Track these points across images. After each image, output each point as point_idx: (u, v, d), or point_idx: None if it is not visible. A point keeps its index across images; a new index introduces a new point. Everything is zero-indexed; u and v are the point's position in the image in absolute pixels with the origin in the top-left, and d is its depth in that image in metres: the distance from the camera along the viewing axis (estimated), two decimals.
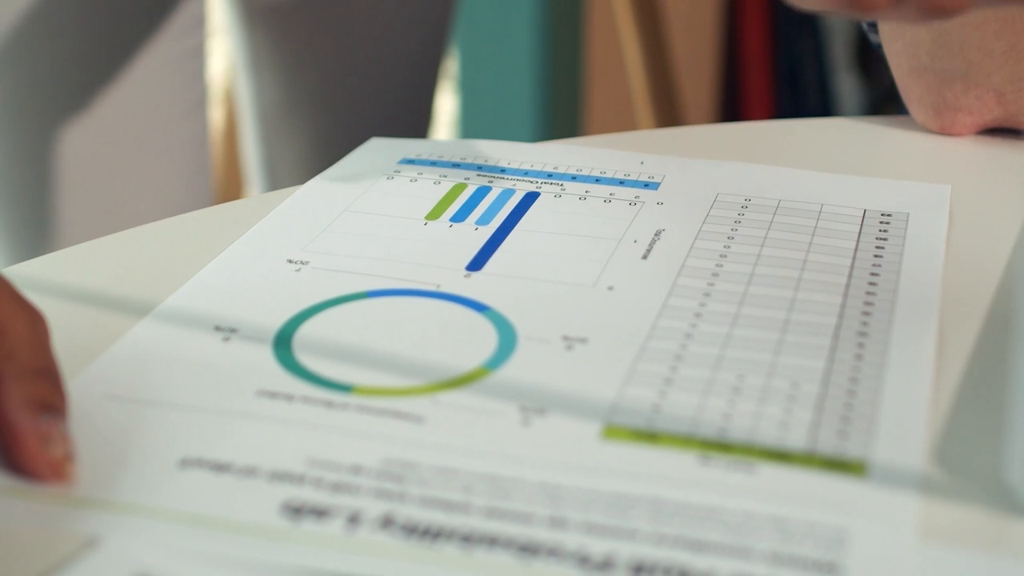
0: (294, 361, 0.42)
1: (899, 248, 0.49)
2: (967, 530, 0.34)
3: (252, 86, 0.97)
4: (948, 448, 0.37)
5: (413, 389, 0.40)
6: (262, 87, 0.96)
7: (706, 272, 0.47)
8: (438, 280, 0.47)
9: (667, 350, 0.42)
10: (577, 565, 0.33)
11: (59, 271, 0.47)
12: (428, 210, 0.52)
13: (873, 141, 0.61)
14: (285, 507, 0.35)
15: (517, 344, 0.43)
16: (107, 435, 0.38)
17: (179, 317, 0.44)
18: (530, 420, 0.39)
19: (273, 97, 0.96)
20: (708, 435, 0.38)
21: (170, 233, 0.51)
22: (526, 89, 1.69)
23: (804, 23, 1.77)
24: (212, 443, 0.37)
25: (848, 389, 0.40)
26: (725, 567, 0.33)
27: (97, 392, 0.40)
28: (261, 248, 0.49)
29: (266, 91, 0.96)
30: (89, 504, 0.35)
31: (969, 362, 0.42)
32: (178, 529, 0.34)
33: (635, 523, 0.34)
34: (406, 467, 0.36)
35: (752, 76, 1.81)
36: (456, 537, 0.34)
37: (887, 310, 0.45)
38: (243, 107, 0.99)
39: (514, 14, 1.67)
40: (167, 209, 0.84)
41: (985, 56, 0.57)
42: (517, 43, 1.70)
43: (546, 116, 1.72)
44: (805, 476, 0.36)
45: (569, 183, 0.55)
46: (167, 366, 0.41)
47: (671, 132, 0.63)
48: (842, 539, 0.34)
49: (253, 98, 0.97)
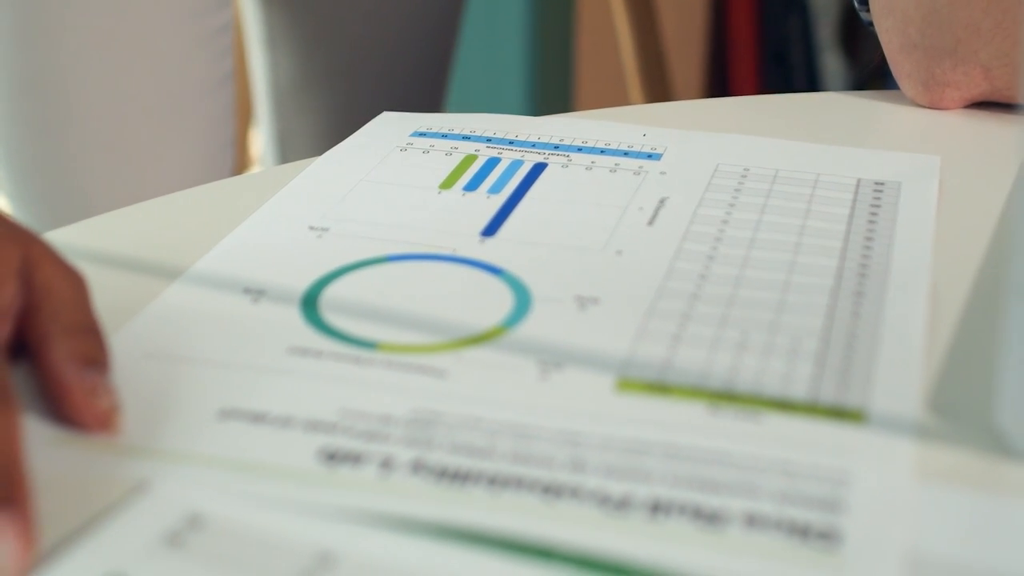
0: (321, 320, 0.44)
1: (892, 214, 0.52)
2: (961, 470, 0.37)
3: (267, 62, 0.98)
4: (943, 396, 0.40)
5: (436, 346, 0.42)
6: (276, 63, 0.98)
7: (709, 237, 0.50)
8: (454, 245, 0.49)
9: (675, 309, 0.45)
10: (598, 505, 0.35)
11: (92, 238, 0.49)
12: (441, 180, 0.55)
13: (865, 115, 0.63)
14: (321, 453, 0.37)
15: (532, 304, 0.45)
16: (148, 390, 0.40)
17: (208, 280, 0.46)
18: (548, 374, 0.41)
19: (287, 73, 0.98)
20: (716, 387, 0.40)
21: (196, 201, 0.53)
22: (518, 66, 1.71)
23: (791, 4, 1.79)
24: (248, 396, 0.40)
25: (846, 344, 0.42)
26: (735, 505, 0.35)
27: (135, 350, 0.42)
28: (284, 215, 0.51)
29: (280, 67, 0.98)
30: (136, 452, 0.37)
31: (960, 318, 0.44)
32: (221, 474, 0.36)
33: (650, 466, 0.36)
34: (433, 416, 0.39)
35: (740, 55, 1.83)
36: (483, 480, 0.36)
37: (882, 272, 0.47)
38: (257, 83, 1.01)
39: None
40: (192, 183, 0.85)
41: (973, 33, 0.60)
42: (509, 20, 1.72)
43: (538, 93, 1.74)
44: (807, 424, 0.38)
45: (575, 154, 0.57)
46: (200, 326, 0.44)
47: (670, 106, 0.65)
48: (844, 479, 0.36)
49: (267, 74, 0.99)
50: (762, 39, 1.82)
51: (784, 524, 0.34)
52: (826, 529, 0.34)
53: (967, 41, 0.60)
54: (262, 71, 0.99)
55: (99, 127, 0.82)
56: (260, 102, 1.02)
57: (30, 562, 0.32)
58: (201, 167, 0.86)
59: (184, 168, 0.85)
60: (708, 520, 0.34)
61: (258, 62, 0.99)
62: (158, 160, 0.84)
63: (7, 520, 0.32)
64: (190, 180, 0.85)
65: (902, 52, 0.62)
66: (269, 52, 0.98)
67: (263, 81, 1.00)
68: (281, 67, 0.98)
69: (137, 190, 0.82)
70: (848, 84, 1.81)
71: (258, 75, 1.00)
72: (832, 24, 1.79)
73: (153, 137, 0.84)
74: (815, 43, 1.79)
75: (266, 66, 0.99)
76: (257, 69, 1.00)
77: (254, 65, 1.00)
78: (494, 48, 1.72)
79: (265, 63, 0.98)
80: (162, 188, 0.83)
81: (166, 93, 0.83)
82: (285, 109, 1.00)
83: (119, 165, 0.83)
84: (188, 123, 0.85)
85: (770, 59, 1.82)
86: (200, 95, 0.85)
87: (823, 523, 0.34)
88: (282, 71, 0.98)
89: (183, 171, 0.85)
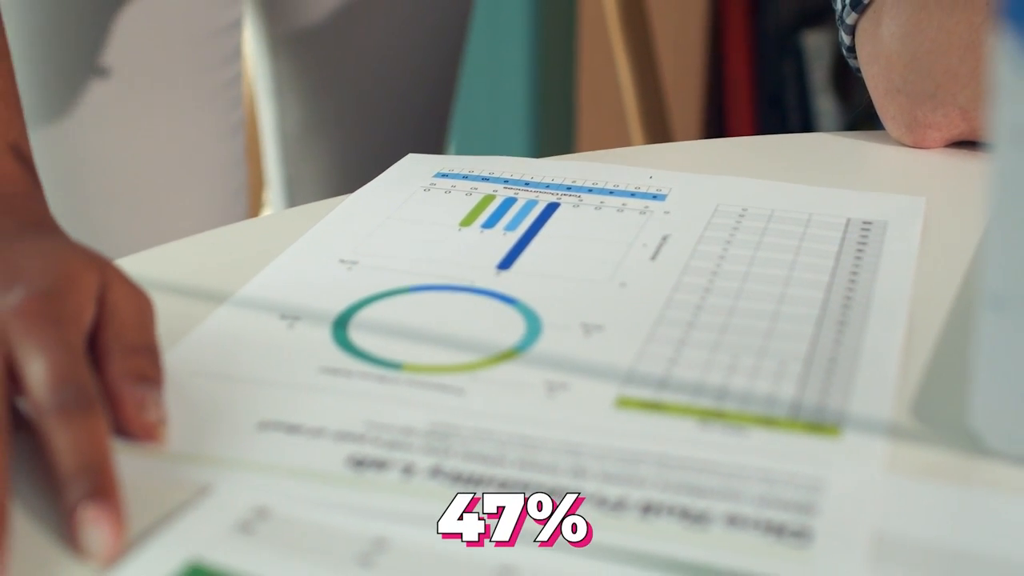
0: (350, 343, 0.48)
1: (877, 251, 0.56)
2: (937, 468, 0.41)
3: (275, 111, 1.03)
4: (924, 405, 0.44)
5: (454, 367, 0.47)
6: (284, 112, 1.03)
7: (707, 271, 0.54)
8: (472, 277, 0.54)
9: (672, 336, 0.49)
10: (596, 506, 0.39)
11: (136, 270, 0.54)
12: (462, 218, 0.59)
13: (855, 154, 0.68)
14: (350, 460, 0.41)
15: (542, 331, 0.49)
16: (195, 404, 0.45)
17: (248, 307, 0.51)
18: (555, 392, 0.45)
19: (295, 121, 1.02)
20: (706, 405, 0.44)
21: (229, 238, 0.58)
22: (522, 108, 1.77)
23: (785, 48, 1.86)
24: (284, 409, 0.44)
25: (827, 368, 0.47)
26: (719, 507, 0.39)
27: (183, 369, 0.46)
28: (316, 250, 0.56)
29: (288, 115, 1.03)
30: (187, 459, 0.42)
31: (940, 337, 0.49)
32: (263, 478, 0.41)
33: (644, 473, 0.41)
34: (450, 429, 0.43)
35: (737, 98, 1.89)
36: (494, 484, 0.40)
37: (864, 303, 0.51)
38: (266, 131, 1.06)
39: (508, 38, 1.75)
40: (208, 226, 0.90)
41: (951, 79, 0.64)
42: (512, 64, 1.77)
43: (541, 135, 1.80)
44: (788, 438, 0.43)
45: (586, 195, 0.62)
46: (241, 348, 0.48)
47: (672, 146, 0.70)
48: (817, 486, 0.40)
49: (276, 122, 1.04)
50: (758, 82, 1.89)
51: (762, 524, 0.38)
52: (799, 529, 0.38)
53: (946, 86, 0.64)
54: (270, 120, 1.04)
55: (118, 175, 0.87)
56: (269, 149, 1.06)
57: (120, 548, 0.37)
58: (216, 211, 0.91)
59: (200, 212, 0.90)
60: (694, 520, 0.39)
61: (267, 111, 1.04)
62: (176, 205, 0.89)
63: (101, 511, 0.37)
64: (206, 223, 0.89)
65: (887, 96, 0.67)
66: (277, 101, 1.02)
67: (271, 129, 1.04)
68: (289, 116, 1.02)
69: (155, 234, 0.87)
70: (841, 125, 1.87)
71: (267, 123, 1.05)
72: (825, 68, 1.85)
73: (170, 184, 0.89)
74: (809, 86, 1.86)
75: (274, 115, 1.03)
76: (266, 118, 1.05)
77: (263, 114, 1.05)
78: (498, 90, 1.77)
79: (273, 112, 1.03)
80: (179, 231, 0.88)
81: (181, 142, 0.89)
82: (293, 155, 1.04)
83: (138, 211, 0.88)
84: (202, 170, 0.90)
85: (766, 101, 1.88)
86: (213, 143, 0.90)
87: (797, 523, 0.38)
88: (290, 119, 1.02)
89: (199, 215, 0.90)
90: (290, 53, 1.00)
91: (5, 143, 0.51)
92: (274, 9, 0.99)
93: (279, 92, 1.02)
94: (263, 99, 1.04)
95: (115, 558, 0.37)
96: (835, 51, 1.85)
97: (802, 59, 1.86)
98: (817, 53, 1.85)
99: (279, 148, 1.05)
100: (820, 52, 1.85)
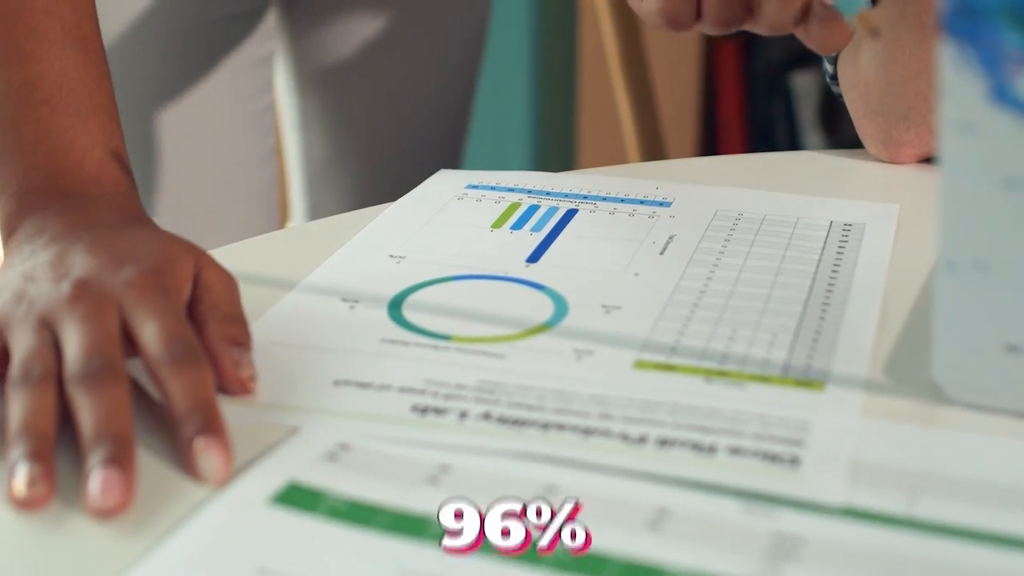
0: (405, 320, 0.56)
1: (856, 246, 0.64)
2: (905, 413, 0.49)
3: (300, 143, 1.11)
4: (895, 366, 0.52)
5: (496, 338, 0.55)
6: (309, 144, 1.10)
7: (708, 263, 0.62)
8: (505, 268, 0.62)
9: (680, 314, 0.57)
10: (621, 440, 0.47)
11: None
12: (493, 221, 0.68)
13: (837, 169, 0.77)
14: (414, 408, 0.49)
15: (568, 310, 0.57)
16: (278, 366, 0.52)
17: (313, 292, 0.59)
18: (582, 358, 0.53)
19: (319, 153, 1.10)
20: (710, 366, 0.53)
21: (289, 239, 0.66)
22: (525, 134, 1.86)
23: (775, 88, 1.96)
24: (354, 371, 0.52)
25: (813, 338, 0.55)
26: (723, 441, 0.47)
27: (264, 339, 0.54)
28: (367, 247, 0.64)
29: (313, 148, 1.10)
30: (276, 408, 0.50)
31: (907, 319, 0.57)
32: (343, 422, 0.49)
33: (660, 417, 0.49)
34: (496, 385, 0.51)
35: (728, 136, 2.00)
36: (536, 425, 0.48)
37: (844, 287, 0.60)
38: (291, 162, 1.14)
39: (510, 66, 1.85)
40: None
41: (922, 101, 0.73)
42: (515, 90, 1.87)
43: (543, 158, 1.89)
44: (780, 391, 0.51)
45: (600, 202, 0.70)
46: (311, 324, 0.56)
47: (677, 163, 0.78)
48: (805, 427, 0.48)
49: (301, 154, 1.12)
50: (749, 120, 1.99)
51: (759, 453, 0.46)
52: (791, 457, 0.46)
53: (918, 108, 0.73)
54: (296, 152, 1.12)
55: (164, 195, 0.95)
56: (294, 179, 1.14)
57: (230, 473, 0.45)
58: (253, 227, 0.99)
59: (237, 227, 0.98)
60: (703, 450, 0.47)
61: (292, 143, 1.12)
62: (217, 221, 0.97)
63: (212, 442, 0.45)
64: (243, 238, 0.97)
65: (866, 117, 0.75)
66: (303, 134, 1.10)
67: (297, 161, 1.12)
68: (313, 147, 1.10)
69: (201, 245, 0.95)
70: None
71: (292, 155, 1.13)
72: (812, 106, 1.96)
73: (211, 203, 0.97)
74: (797, 124, 1.96)
75: (299, 146, 1.11)
76: (291, 150, 1.12)
77: (288, 147, 1.13)
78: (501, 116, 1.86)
79: (299, 144, 1.11)
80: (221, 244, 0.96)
81: (222, 165, 0.97)
82: (316, 186, 1.12)
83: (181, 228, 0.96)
84: (240, 190, 0.98)
85: (757, 138, 1.99)
86: (250, 166, 0.98)
87: (788, 453, 0.46)
88: (314, 151, 1.10)
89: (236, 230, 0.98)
90: (316, 89, 1.08)
91: (109, 151, 0.59)
92: (302, 47, 1.07)
93: (305, 126, 1.10)
94: (289, 132, 1.12)
95: (227, 480, 0.45)
96: (822, 91, 1.96)
97: (790, 98, 1.97)
98: (805, 92, 1.96)
99: (303, 179, 1.13)
100: (807, 92, 1.96)
